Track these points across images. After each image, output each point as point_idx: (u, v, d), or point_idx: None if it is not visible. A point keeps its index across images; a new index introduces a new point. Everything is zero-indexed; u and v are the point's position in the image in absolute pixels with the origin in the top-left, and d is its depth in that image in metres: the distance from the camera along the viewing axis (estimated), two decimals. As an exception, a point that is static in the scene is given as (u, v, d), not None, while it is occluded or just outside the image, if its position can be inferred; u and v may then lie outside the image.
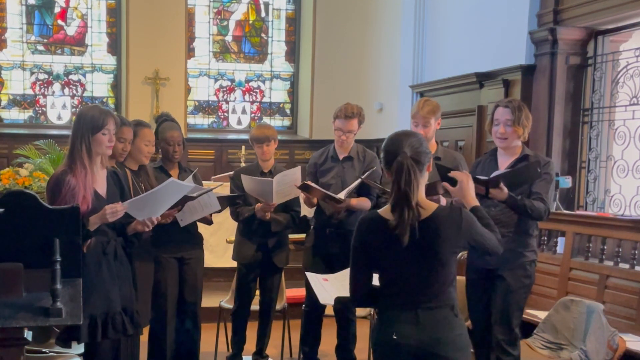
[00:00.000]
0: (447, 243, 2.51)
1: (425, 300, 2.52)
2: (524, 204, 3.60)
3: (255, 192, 4.41)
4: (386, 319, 2.58)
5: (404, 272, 2.53)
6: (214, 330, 5.04)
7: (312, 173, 4.59)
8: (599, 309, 4.27)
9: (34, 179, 6.61)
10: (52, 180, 3.20)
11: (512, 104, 3.75)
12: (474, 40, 6.82)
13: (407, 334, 2.51)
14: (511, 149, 3.78)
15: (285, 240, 4.77)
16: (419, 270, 2.52)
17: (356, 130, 4.47)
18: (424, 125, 4.08)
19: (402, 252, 2.49)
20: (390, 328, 2.54)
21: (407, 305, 2.53)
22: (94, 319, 3.16)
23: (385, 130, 8.65)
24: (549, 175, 3.72)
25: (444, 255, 2.52)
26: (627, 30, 5.59)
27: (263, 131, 4.59)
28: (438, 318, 2.53)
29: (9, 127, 9.14)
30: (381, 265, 2.58)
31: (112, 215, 3.11)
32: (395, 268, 2.54)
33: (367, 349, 4.44)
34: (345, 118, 4.39)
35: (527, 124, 3.75)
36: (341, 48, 9.44)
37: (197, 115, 9.85)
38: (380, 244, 2.54)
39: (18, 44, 9.22)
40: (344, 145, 4.50)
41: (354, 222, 4.49)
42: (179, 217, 4.04)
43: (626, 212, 5.42)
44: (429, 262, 2.52)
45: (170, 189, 3.32)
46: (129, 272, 3.41)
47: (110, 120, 3.22)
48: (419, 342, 2.50)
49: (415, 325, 2.51)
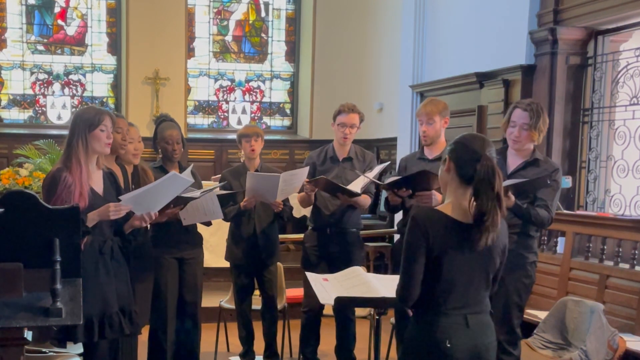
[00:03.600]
0: (499, 249, 2.52)
1: (473, 304, 2.49)
2: (528, 212, 3.61)
3: (259, 190, 4.41)
4: (435, 323, 2.46)
5: (462, 277, 2.46)
6: (214, 330, 5.05)
7: (310, 173, 4.60)
8: (599, 309, 4.27)
9: (34, 179, 6.62)
10: (48, 178, 3.20)
11: (532, 107, 3.70)
12: (474, 40, 6.81)
13: (460, 340, 2.44)
14: (523, 150, 3.78)
15: (275, 238, 4.80)
16: (475, 275, 2.48)
17: (358, 126, 4.49)
18: (427, 122, 4.08)
19: (469, 256, 2.44)
20: (441, 334, 2.44)
21: (458, 309, 2.47)
22: (90, 319, 3.15)
23: (385, 131, 8.75)
24: (556, 183, 3.71)
25: (496, 261, 2.53)
26: (627, 30, 5.59)
27: (251, 128, 4.86)
28: (484, 323, 2.52)
29: (9, 127, 9.14)
30: (438, 267, 2.44)
31: (115, 213, 3.12)
32: (456, 271, 2.45)
33: (367, 349, 4.44)
34: (347, 111, 4.45)
35: (543, 129, 3.72)
36: (341, 48, 9.44)
37: (197, 115, 9.85)
38: (448, 244, 2.42)
39: (18, 44, 9.23)
40: (346, 142, 4.51)
41: (353, 221, 4.57)
42: (182, 215, 4.05)
43: (626, 212, 5.42)
44: (485, 267, 2.50)
45: (172, 183, 3.31)
46: (126, 272, 3.40)
47: (106, 117, 3.22)
48: (471, 348, 2.46)
49: (467, 330, 2.46)
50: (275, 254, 4.78)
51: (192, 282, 4.39)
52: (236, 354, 5.00)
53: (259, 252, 4.66)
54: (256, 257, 4.67)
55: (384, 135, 8.68)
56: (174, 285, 4.32)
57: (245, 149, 4.67)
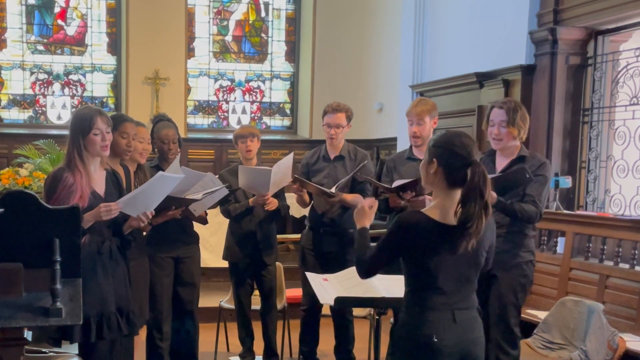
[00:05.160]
0: (485, 247, 2.58)
1: (461, 300, 2.54)
2: (513, 209, 3.60)
3: (252, 184, 4.42)
4: (422, 320, 2.51)
5: (448, 275, 2.50)
6: (213, 330, 5.04)
7: (304, 173, 4.60)
8: (599, 309, 4.27)
9: (34, 179, 6.62)
10: (50, 178, 3.19)
11: (507, 104, 3.72)
12: (474, 40, 6.82)
13: (447, 335, 2.49)
14: (508, 149, 3.76)
15: (273, 237, 4.80)
16: (461, 272, 2.53)
17: (344, 126, 4.47)
18: (417, 123, 4.07)
19: (454, 256, 2.47)
20: (428, 329, 2.49)
21: (445, 306, 2.51)
22: (87, 319, 3.13)
23: (385, 131, 8.75)
24: (543, 177, 3.69)
25: (482, 258, 2.58)
26: (627, 30, 5.59)
27: (246, 128, 4.88)
28: (471, 318, 2.57)
29: (9, 127, 9.14)
30: (424, 266, 2.50)
31: (106, 213, 3.09)
32: (440, 271, 2.49)
33: (366, 349, 4.44)
34: (332, 112, 4.44)
35: (523, 125, 3.70)
36: (341, 48, 9.44)
37: (197, 115, 9.85)
38: (431, 247, 2.47)
39: (18, 44, 9.22)
40: (333, 143, 4.50)
41: (349, 220, 4.53)
42: (192, 208, 4.04)
43: (626, 212, 5.42)
44: (471, 265, 2.55)
45: (162, 182, 3.26)
46: (124, 272, 3.39)
47: (98, 119, 3.16)
48: (458, 343, 2.51)
49: (454, 325, 2.51)
50: (274, 253, 4.78)
51: (188, 281, 4.39)
52: (236, 354, 5.00)
53: (258, 251, 4.67)
54: (255, 256, 4.68)
55: (384, 135, 8.68)
56: (169, 285, 4.32)
57: (242, 150, 4.68)
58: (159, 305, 4.27)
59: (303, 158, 4.78)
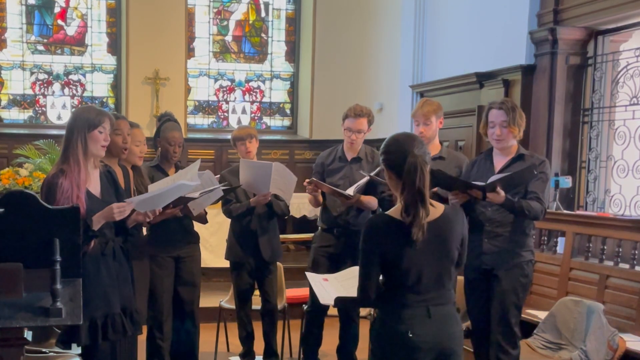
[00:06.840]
0: (456, 241, 2.62)
1: (435, 296, 2.59)
2: (521, 206, 3.62)
3: (253, 178, 4.42)
4: (397, 317, 2.58)
5: (417, 271, 2.56)
6: (214, 330, 5.05)
7: (319, 172, 4.58)
8: (599, 309, 4.27)
9: (34, 179, 6.62)
10: (45, 185, 3.16)
11: (506, 105, 3.78)
12: (474, 40, 6.82)
13: (422, 331, 2.55)
14: (507, 148, 3.82)
15: (275, 237, 4.79)
16: (432, 268, 2.58)
17: (366, 130, 4.47)
18: (424, 123, 4.09)
19: (417, 251, 2.54)
20: (403, 326, 2.55)
21: (419, 302, 2.57)
22: (94, 321, 3.15)
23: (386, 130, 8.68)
24: (544, 175, 3.76)
25: (453, 252, 2.62)
26: (627, 30, 5.59)
27: (244, 129, 4.84)
28: (446, 313, 2.61)
29: (9, 127, 9.13)
30: (394, 265, 2.58)
31: (120, 214, 3.11)
32: (409, 267, 2.56)
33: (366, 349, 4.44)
34: (354, 117, 4.41)
35: (522, 123, 3.79)
36: (341, 48, 9.43)
37: (197, 115, 9.84)
38: (395, 245, 2.56)
39: (18, 44, 9.21)
40: (353, 146, 4.49)
41: (364, 222, 4.51)
42: (191, 207, 4.05)
43: (626, 212, 5.42)
44: (441, 260, 2.60)
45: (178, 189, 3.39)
46: (128, 273, 3.40)
47: (106, 119, 3.20)
48: (433, 337, 2.56)
49: (429, 321, 2.56)
50: (275, 253, 4.78)
51: (189, 280, 4.40)
52: (236, 354, 5.01)
53: (259, 251, 4.67)
54: (256, 256, 4.68)
55: (384, 135, 8.58)
56: (169, 284, 4.33)
57: (241, 151, 4.67)
58: (160, 305, 4.27)
59: (318, 157, 4.74)
